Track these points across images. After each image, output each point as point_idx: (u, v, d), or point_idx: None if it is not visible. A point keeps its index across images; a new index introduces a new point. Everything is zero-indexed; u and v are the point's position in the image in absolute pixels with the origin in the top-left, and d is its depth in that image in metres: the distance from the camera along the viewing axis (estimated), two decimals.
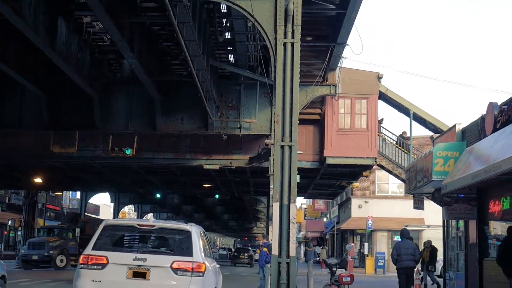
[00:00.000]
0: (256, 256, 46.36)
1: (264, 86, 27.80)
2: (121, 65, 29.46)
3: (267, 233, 51.56)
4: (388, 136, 36.57)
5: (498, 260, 17.08)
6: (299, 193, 43.84)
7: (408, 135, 36.02)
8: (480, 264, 22.08)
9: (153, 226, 11.80)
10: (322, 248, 55.93)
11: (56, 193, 65.80)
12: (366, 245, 50.31)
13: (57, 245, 39.21)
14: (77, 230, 42.03)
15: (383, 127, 37.23)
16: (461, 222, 25.05)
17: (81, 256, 11.43)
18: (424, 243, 29.83)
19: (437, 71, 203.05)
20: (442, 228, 28.21)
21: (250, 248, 70.75)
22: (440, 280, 29.02)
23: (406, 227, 23.28)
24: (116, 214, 61.42)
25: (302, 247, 73.18)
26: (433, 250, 28.23)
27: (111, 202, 64.22)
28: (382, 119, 37.92)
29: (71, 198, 76.11)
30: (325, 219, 76.22)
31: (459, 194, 22.72)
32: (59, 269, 37.69)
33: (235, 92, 29.63)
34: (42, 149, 30.60)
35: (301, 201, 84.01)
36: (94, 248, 11.41)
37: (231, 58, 28.95)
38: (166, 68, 28.55)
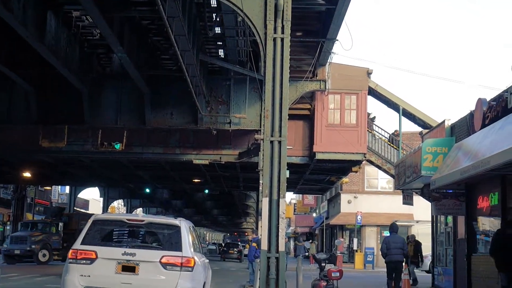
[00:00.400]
0: (246, 251, 46.40)
1: (253, 81, 27.79)
2: (110, 60, 29.40)
3: (257, 228, 51.59)
4: (380, 134, 36.68)
5: (491, 252, 16.96)
6: (289, 188, 44.15)
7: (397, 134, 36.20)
8: (469, 259, 22.18)
9: (142, 221, 11.79)
10: (312, 242, 56.01)
11: (45, 187, 65.66)
12: (355, 240, 50.43)
13: (40, 240, 39.00)
14: (60, 224, 41.78)
15: (375, 125, 37.37)
16: (450, 218, 25.16)
17: (70, 251, 11.40)
18: (408, 237, 29.90)
19: (427, 67, 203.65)
20: (431, 224, 28.31)
21: (239, 243, 70.81)
22: (429, 276, 29.13)
23: (395, 222, 23.42)
24: (105, 208, 61.29)
25: (292, 242, 73.27)
26: (417, 245, 28.25)
27: (100, 196, 64.08)
28: (374, 117, 38.04)
29: (60, 192, 75.86)
30: (314, 214, 76.36)
31: (448, 189, 22.82)
32: (41, 264, 37.52)
33: (225, 87, 29.62)
34: (31, 144, 30.48)
35: (290, 196, 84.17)
36: (83, 243, 11.38)
37: (221, 53, 28.93)
38: (155, 62, 28.49)
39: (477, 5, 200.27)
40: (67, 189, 67.30)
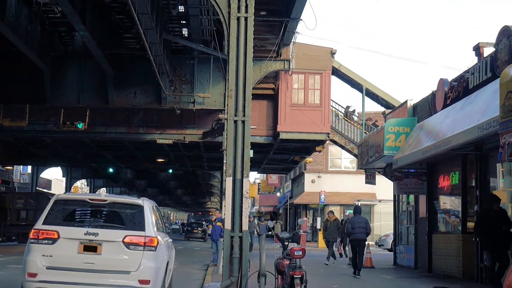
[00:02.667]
0: (209, 231, 46.45)
1: (217, 60, 27.70)
2: (72, 38, 29.05)
3: (221, 207, 51.66)
4: (359, 124, 36.84)
5: (476, 231, 16.53)
6: (253, 168, 44.13)
7: (372, 122, 36.43)
8: (430, 237, 22.53)
9: (105, 200, 11.71)
10: (276, 222, 56.32)
11: (6, 167, 64.82)
12: (318, 219, 50.79)
13: None
14: None
15: (355, 116, 37.57)
16: (412, 197, 25.48)
17: (32, 231, 11.29)
18: (348, 217, 30.32)
19: (392, 47, 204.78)
20: (393, 203, 28.64)
21: (204, 223, 70.90)
22: (391, 254, 29.50)
23: (358, 204, 23.87)
24: (68, 188, 60.81)
25: (256, 221, 73.50)
26: None
27: (63, 176, 63.55)
28: (354, 110, 38.32)
29: (22, 172, 74.92)
30: (278, 194, 76.68)
31: (410, 169, 23.11)
32: None
33: (189, 66, 29.48)
34: None
35: (255, 176, 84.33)
36: (45, 223, 11.28)
37: (184, 32, 28.75)
38: (118, 41, 28.22)
39: None
40: (29, 169, 66.58)
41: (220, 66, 28.10)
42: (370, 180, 30.58)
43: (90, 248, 11.02)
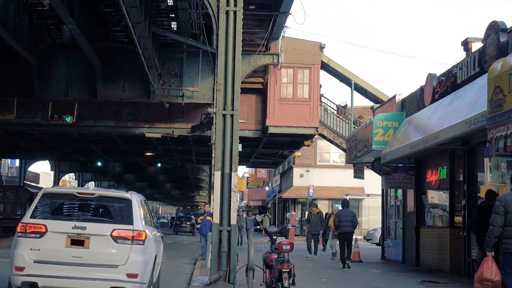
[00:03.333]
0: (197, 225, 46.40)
1: (206, 54, 27.67)
2: (61, 31, 28.95)
3: (210, 201, 51.69)
4: (348, 118, 36.90)
5: (472, 227, 16.25)
6: (242, 162, 44.13)
7: (365, 120, 36.55)
8: (417, 232, 22.61)
9: (93, 194, 11.68)
10: (265, 216, 56.33)
11: None
12: (307, 213, 50.86)
13: None
14: None
15: (348, 113, 37.62)
16: (400, 191, 25.56)
17: (19, 225, 11.25)
18: (332, 211, 30.39)
19: (381, 42, 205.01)
20: (381, 197, 28.71)
21: (192, 217, 70.88)
22: (379, 248, 29.60)
23: (346, 197, 23.92)
24: (56, 182, 60.62)
25: (244, 216, 73.50)
26: None
27: (51, 170, 63.35)
28: (346, 105, 38.27)
29: (10, 166, 74.69)
30: (267, 188, 76.76)
31: (398, 163, 23.18)
32: None
33: (178, 60, 29.43)
34: None
35: (243, 170, 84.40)
36: (32, 217, 11.24)
37: (173, 25, 28.70)
38: (107, 34, 28.13)
39: None
40: (17, 162, 66.35)
41: (209, 60, 28.06)
42: (359, 174, 30.65)
43: (78, 242, 10.99)
